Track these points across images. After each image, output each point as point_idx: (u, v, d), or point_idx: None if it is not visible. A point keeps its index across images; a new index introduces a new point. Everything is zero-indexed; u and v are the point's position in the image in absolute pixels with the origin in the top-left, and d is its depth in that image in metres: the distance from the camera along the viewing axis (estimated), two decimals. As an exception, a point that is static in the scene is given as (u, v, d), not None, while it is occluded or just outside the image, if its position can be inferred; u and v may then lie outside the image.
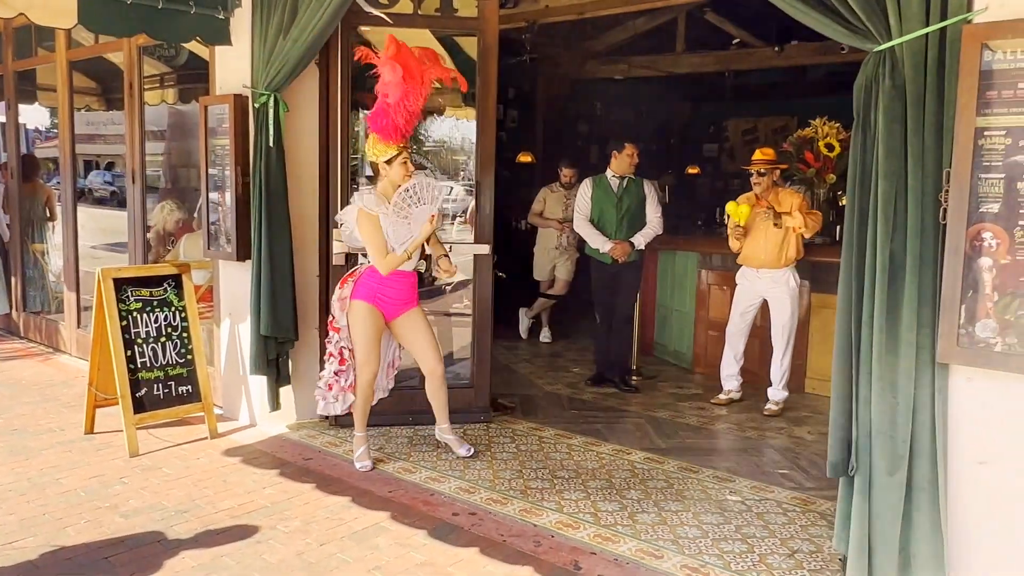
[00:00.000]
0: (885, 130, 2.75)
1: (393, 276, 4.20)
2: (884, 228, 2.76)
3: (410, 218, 4.10)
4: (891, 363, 2.78)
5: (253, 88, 4.66)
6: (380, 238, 4.10)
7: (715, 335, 6.32)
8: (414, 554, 3.38)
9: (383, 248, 4.11)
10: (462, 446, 4.55)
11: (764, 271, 5.43)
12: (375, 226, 4.09)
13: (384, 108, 4.08)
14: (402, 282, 4.26)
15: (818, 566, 3.34)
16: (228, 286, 5.14)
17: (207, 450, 4.62)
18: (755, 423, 5.34)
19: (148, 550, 3.39)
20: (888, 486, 2.80)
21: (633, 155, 5.90)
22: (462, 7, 5.01)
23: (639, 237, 5.84)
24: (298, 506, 3.85)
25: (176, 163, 7.01)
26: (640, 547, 3.48)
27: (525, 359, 7.04)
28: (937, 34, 2.69)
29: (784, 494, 4.11)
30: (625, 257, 5.86)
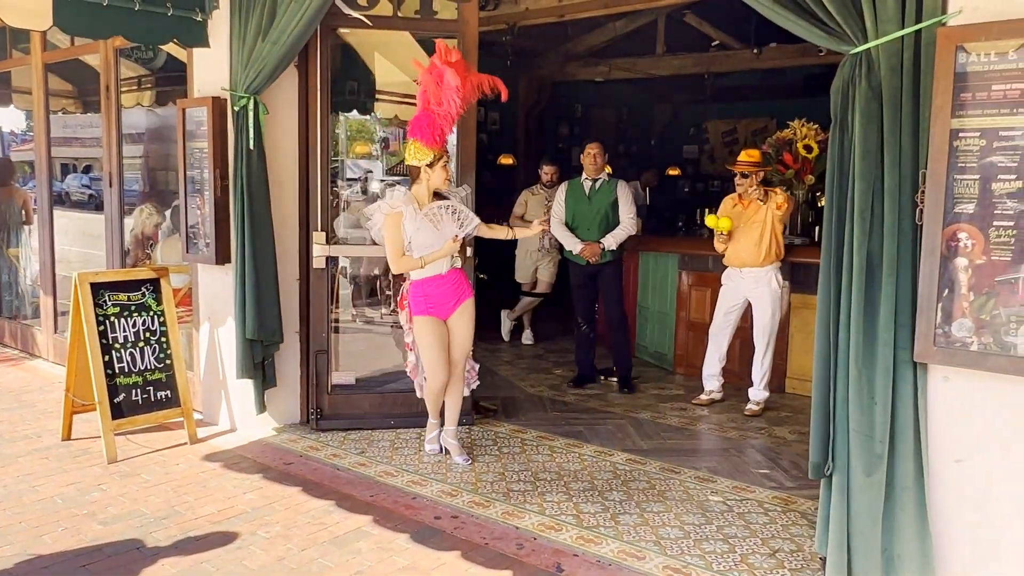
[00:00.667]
0: (862, 131, 2.77)
1: (434, 280, 4.31)
2: (861, 229, 2.78)
3: (440, 228, 4.20)
4: (868, 363, 2.81)
5: (232, 91, 4.63)
6: (399, 238, 4.18)
7: (696, 336, 6.35)
8: (396, 558, 3.37)
9: (400, 249, 4.20)
10: (460, 454, 4.52)
11: (747, 270, 5.46)
12: (396, 225, 4.17)
13: (430, 114, 4.17)
14: (442, 283, 4.33)
15: (799, 565, 3.35)
16: (207, 290, 5.10)
17: (187, 456, 4.58)
18: (736, 423, 5.36)
19: (126, 558, 3.35)
20: (866, 486, 2.82)
21: (594, 155, 5.91)
22: (442, 9, 5.00)
23: (609, 238, 5.84)
24: (279, 511, 3.83)
25: (155, 166, 6.94)
26: (622, 548, 3.48)
27: (507, 361, 7.04)
28: (912, 36, 2.72)
29: (765, 494, 4.13)
30: (595, 258, 5.86)
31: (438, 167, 4.24)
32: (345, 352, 5.60)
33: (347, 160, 8.28)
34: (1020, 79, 2.55)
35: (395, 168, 8.35)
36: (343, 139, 7.92)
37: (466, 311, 4.42)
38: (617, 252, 5.95)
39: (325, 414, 4.99)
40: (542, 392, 6.05)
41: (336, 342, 5.32)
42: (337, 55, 5.36)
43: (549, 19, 7.89)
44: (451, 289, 4.36)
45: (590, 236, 5.89)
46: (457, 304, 4.38)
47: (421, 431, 4.94)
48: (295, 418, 5.08)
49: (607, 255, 5.89)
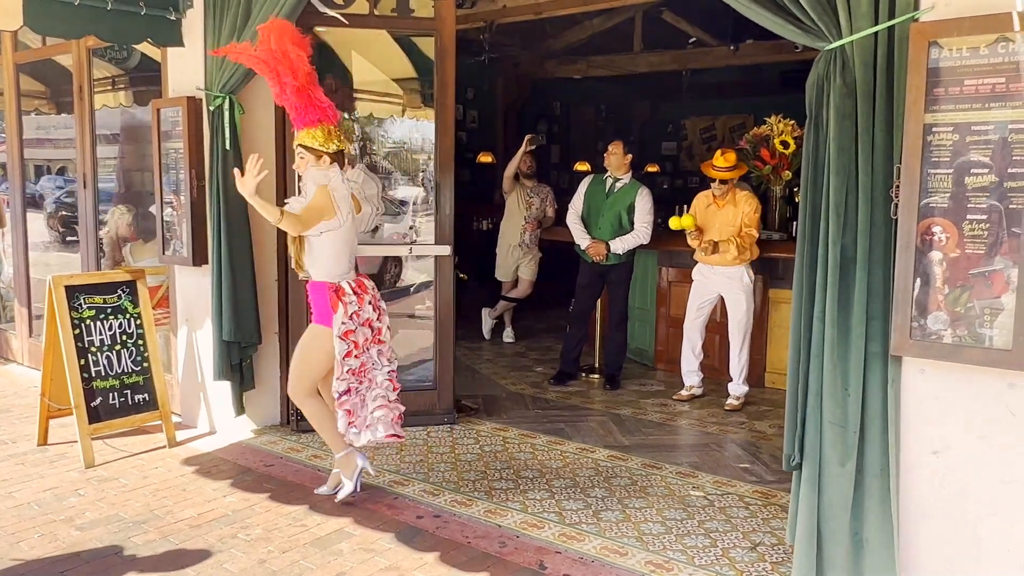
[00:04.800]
0: (836, 127, 2.79)
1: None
2: (836, 223, 2.80)
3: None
4: (842, 356, 2.83)
5: (207, 90, 4.59)
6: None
7: (676, 332, 6.37)
8: (378, 559, 3.36)
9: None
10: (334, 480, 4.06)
11: (718, 268, 5.49)
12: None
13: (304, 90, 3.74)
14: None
15: (780, 558, 3.38)
16: (184, 291, 5.06)
17: (165, 459, 4.54)
18: (716, 418, 5.39)
19: (105, 563, 3.32)
20: (840, 476, 2.85)
21: (615, 153, 5.92)
22: (419, 7, 4.99)
23: (618, 241, 5.84)
24: (260, 513, 3.80)
25: (130, 167, 6.87)
26: (605, 545, 3.49)
27: (488, 359, 7.03)
28: (886, 32, 2.74)
29: (746, 488, 4.16)
30: (600, 258, 5.87)
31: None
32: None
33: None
34: (992, 74, 2.57)
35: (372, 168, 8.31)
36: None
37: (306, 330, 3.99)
38: (627, 255, 5.94)
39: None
40: (524, 390, 6.05)
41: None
42: (314, 54, 5.31)
43: (527, 16, 7.88)
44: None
45: (601, 234, 5.89)
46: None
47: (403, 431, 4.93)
48: (275, 420, 5.04)
49: (614, 258, 5.89)
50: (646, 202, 5.89)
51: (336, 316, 3.73)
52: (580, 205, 6.04)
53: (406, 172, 8.24)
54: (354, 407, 3.82)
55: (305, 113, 3.73)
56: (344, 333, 3.74)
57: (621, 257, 5.91)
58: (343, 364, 3.74)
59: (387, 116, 7.91)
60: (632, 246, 5.87)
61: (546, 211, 7.52)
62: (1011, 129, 2.54)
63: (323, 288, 3.77)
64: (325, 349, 3.78)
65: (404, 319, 6.45)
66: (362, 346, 3.81)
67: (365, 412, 3.85)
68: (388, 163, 8.39)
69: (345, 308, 3.74)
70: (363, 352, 3.82)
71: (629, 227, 5.87)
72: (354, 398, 3.82)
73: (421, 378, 5.37)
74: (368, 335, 3.84)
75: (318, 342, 3.82)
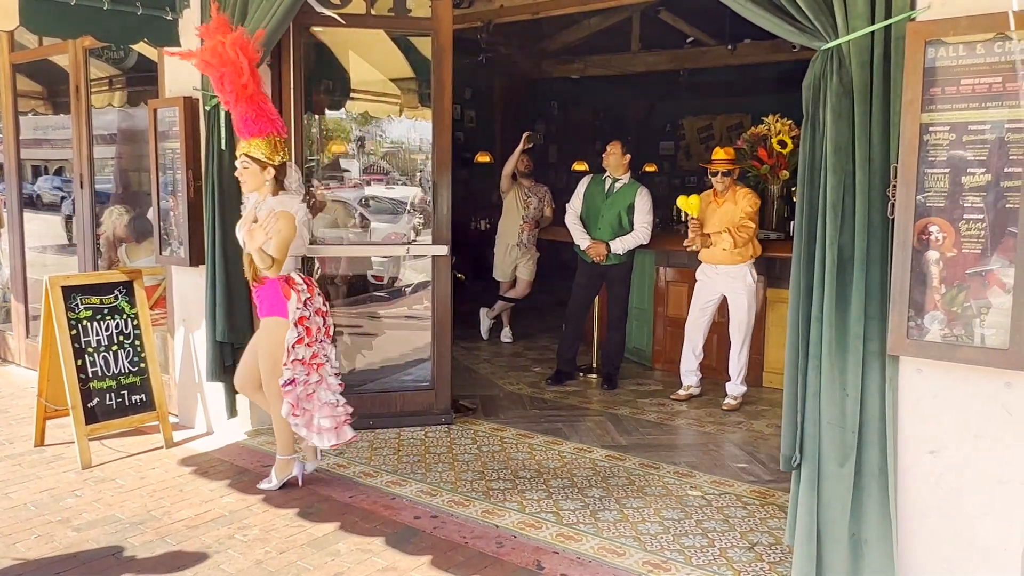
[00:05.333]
0: (833, 127, 2.79)
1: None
2: (833, 223, 2.80)
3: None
4: (840, 355, 2.83)
5: (204, 90, 4.58)
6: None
7: (674, 331, 6.38)
8: (375, 559, 3.35)
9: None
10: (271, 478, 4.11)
11: (722, 267, 5.49)
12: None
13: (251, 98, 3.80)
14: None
15: (777, 558, 3.38)
16: (181, 292, 5.05)
17: (162, 460, 4.54)
18: (714, 418, 5.39)
19: (102, 564, 3.31)
20: (838, 476, 2.85)
21: (614, 153, 5.92)
22: (416, 7, 4.98)
23: (617, 242, 5.84)
24: (257, 514, 3.80)
25: (127, 167, 6.86)
26: (602, 545, 3.49)
27: (486, 359, 7.03)
28: (882, 32, 2.74)
29: (743, 488, 4.16)
30: (600, 258, 5.87)
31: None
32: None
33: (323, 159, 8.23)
34: (988, 74, 2.57)
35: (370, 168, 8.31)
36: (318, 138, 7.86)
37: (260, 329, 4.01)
38: (627, 255, 5.95)
39: (303, 415, 4.95)
40: (521, 390, 6.05)
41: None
42: (311, 54, 5.32)
43: (524, 16, 7.89)
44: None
45: (601, 235, 5.89)
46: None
47: (400, 431, 4.94)
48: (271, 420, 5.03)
49: (613, 257, 5.89)
50: (645, 202, 5.89)
51: (290, 303, 3.84)
52: (579, 205, 6.04)
53: (404, 172, 8.24)
54: (298, 399, 3.89)
55: (253, 123, 3.81)
56: (299, 319, 3.84)
57: (621, 257, 5.91)
58: (291, 352, 3.83)
59: (384, 116, 7.90)
60: (632, 246, 5.88)
61: (544, 211, 7.52)
62: (1008, 128, 2.55)
63: (273, 282, 3.88)
64: (277, 341, 3.87)
65: (401, 319, 6.45)
66: (315, 334, 3.91)
67: (312, 410, 3.95)
68: (386, 163, 8.39)
69: (298, 295, 3.85)
70: (315, 342, 3.92)
71: (629, 227, 5.87)
72: (298, 389, 3.88)
73: (419, 378, 5.37)
74: (320, 324, 3.95)
75: (275, 336, 3.87)
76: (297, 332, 3.84)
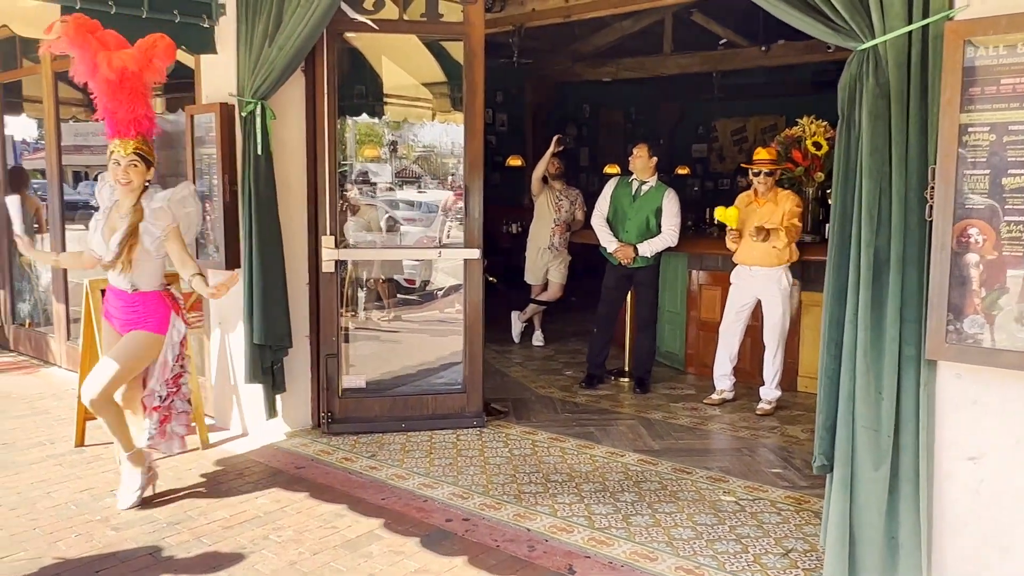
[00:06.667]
0: (869, 128, 2.76)
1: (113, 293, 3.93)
2: (868, 226, 2.77)
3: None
4: (875, 359, 2.80)
5: (240, 96, 4.65)
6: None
7: (707, 335, 6.33)
8: (408, 562, 3.37)
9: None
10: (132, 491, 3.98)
11: (757, 269, 5.44)
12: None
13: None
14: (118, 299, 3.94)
15: (812, 564, 3.34)
16: (218, 295, 5.11)
17: (199, 461, 4.60)
18: (748, 423, 5.34)
19: (140, 562, 3.37)
20: (873, 480, 2.82)
21: (640, 156, 5.90)
22: (448, 12, 5.00)
23: (645, 244, 5.82)
24: (291, 515, 3.83)
25: (165, 173, 6.97)
26: (634, 549, 3.47)
27: (517, 363, 7.03)
28: (920, 32, 2.71)
29: (778, 493, 4.11)
30: (628, 261, 5.85)
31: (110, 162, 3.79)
32: (355, 355, 5.61)
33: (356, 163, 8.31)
34: (1029, 73, 2.53)
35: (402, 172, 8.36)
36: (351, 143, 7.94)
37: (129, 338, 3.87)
38: (654, 258, 5.92)
39: (336, 418, 5.00)
40: (553, 393, 6.04)
41: (346, 346, 5.32)
42: (344, 59, 5.36)
43: (556, 20, 7.87)
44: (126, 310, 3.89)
45: (628, 238, 5.88)
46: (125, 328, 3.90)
47: (432, 434, 4.96)
48: (307, 422, 5.09)
49: (641, 260, 5.87)
50: (673, 204, 5.86)
51: (177, 322, 3.94)
52: (606, 207, 6.02)
53: (435, 176, 8.28)
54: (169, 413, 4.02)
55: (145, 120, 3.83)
56: (183, 339, 3.98)
57: (649, 259, 5.88)
58: (171, 370, 3.94)
59: (417, 120, 7.95)
60: (660, 249, 5.85)
61: (575, 214, 7.51)
62: (1050, 129, 2.50)
63: (159, 297, 3.92)
64: (152, 357, 3.91)
65: (433, 322, 6.48)
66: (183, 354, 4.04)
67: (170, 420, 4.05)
68: (417, 167, 8.44)
69: (182, 316, 4.00)
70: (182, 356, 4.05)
71: (657, 230, 5.85)
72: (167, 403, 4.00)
73: (450, 381, 5.39)
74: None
75: (149, 351, 3.89)
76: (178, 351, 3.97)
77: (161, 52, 3.75)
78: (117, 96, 3.70)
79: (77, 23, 3.60)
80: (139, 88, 3.76)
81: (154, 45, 3.75)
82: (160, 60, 3.75)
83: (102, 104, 3.73)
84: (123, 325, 3.89)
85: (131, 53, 3.67)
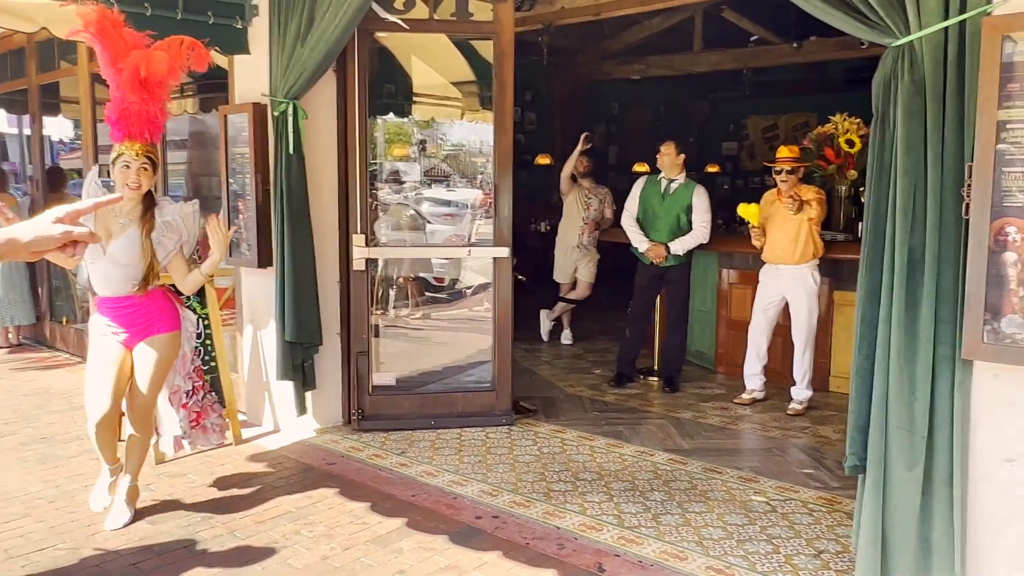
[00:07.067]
0: (904, 126, 2.72)
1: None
2: (903, 224, 2.73)
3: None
4: (910, 359, 2.76)
5: (272, 96, 4.70)
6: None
7: (737, 334, 6.29)
8: (438, 558, 3.39)
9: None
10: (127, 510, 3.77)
11: (783, 267, 5.40)
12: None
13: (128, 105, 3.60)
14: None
15: (845, 566, 3.30)
16: (250, 293, 5.18)
17: (232, 456, 4.66)
18: (779, 423, 5.30)
19: (175, 556, 3.42)
20: (907, 481, 2.79)
21: (668, 154, 5.88)
22: (477, 11, 5.01)
23: (677, 243, 5.80)
24: (322, 511, 3.87)
25: (198, 172, 7.07)
26: (664, 549, 3.47)
27: (546, 361, 7.04)
28: (956, 27, 2.67)
29: (809, 494, 4.08)
30: (660, 260, 5.83)
31: (116, 166, 3.59)
32: (385, 353, 5.64)
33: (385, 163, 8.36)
34: (1071, 68, 2.48)
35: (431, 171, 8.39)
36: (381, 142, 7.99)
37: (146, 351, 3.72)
38: (685, 256, 5.90)
39: (366, 415, 5.04)
40: (582, 392, 6.04)
41: (376, 343, 5.36)
42: (374, 59, 5.40)
43: (585, 18, 7.88)
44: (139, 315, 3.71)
45: (659, 236, 5.86)
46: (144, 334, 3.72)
47: (461, 431, 4.98)
48: (337, 419, 5.13)
49: (672, 258, 5.85)
50: (703, 200, 5.84)
51: (186, 313, 3.89)
52: (635, 207, 6.00)
53: (464, 174, 8.30)
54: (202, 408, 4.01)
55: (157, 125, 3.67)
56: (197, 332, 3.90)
57: (680, 257, 5.86)
58: (191, 362, 3.88)
59: (446, 119, 7.97)
60: (691, 246, 5.82)
61: (604, 212, 7.50)
62: (1091, 125, 2.45)
63: (162, 293, 3.80)
64: (176, 355, 3.85)
65: (463, 320, 6.50)
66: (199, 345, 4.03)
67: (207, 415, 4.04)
68: (446, 165, 8.47)
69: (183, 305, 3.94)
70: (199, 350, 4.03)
71: (687, 227, 5.82)
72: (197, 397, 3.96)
73: (479, 379, 5.41)
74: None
75: (172, 350, 3.79)
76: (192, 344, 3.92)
77: (196, 58, 3.70)
78: (141, 95, 3.58)
79: (101, 14, 3.49)
80: (162, 90, 3.68)
81: (181, 48, 3.66)
82: (196, 67, 3.72)
83: (120, 103, 3.57)
84: (135, 334, 3.68)
85: (164, 56, 3.60)
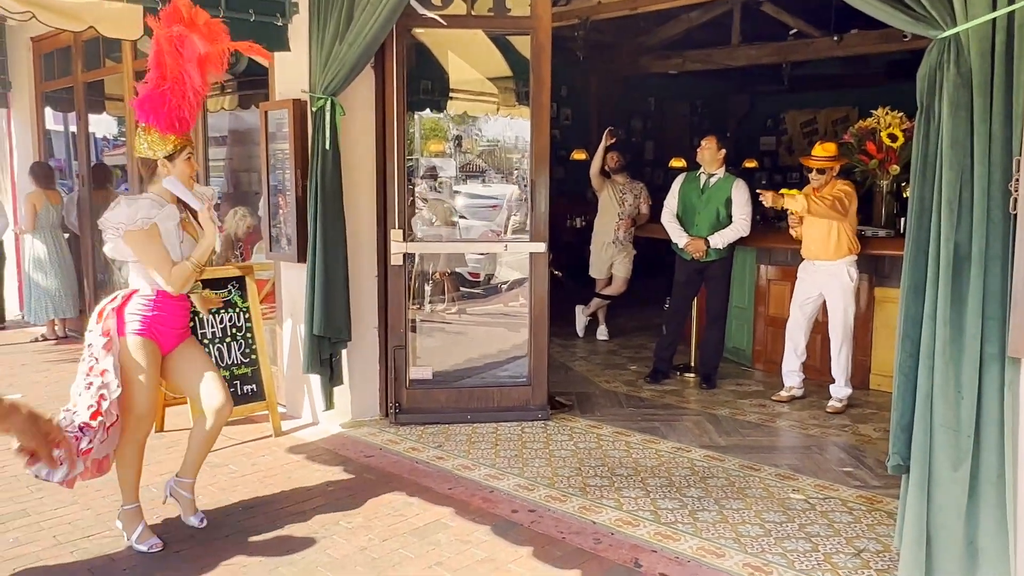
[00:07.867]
0: (950, 119, 2.67)
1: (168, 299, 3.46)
2: (948, 220, 2.69)
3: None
4: (955, 356, 2.71)
5: (311, 93, 4.75)
6: (162, 250, 3.37)
7: (775, 331, 6.23)
8: (474, 550, 3.41)
9: (167, 261, 3.37)
10: (196, 514, 3.73)
11: (820, 263, 5.35)
12: (151, 238, 3.34)
13: (164, 93, 3.33)
14: (177, 305, 3.53)
15: (885, 565, 3.27)
16: (289, 287, 5.24)
17: (271, 448, 4.73)
18: (818, 420, 5.24)
19: (217, 545, 3.49)
20: (952, 480, 2.74)
21: (709, 148, 5.84)
22: (515, 6, 5.02)
23: (716, 236, 5.76)
24: (360, 502, 3.92)
25: (238, 168, 7.17)
26: (701, 545, 3.45)
27: (582, 357, 7.03)
28: (1005, 19, 2.61)
29: (849, 492, 4.03)
30: (700, 254, 5.80)
31: (179, 160, 3.40)
32: (422, 347, 5.69)
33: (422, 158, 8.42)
34: (1124, 60, 2.42)
35: (467, 166, 8.42)
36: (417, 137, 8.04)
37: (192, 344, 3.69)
38: (726, 250, 5.86)
39: (404, 408, 5.09)
40: (617, 387, 6.02)
41: (413, 336, 5.40)
42: (412, 55, 5.44)
43: (622, 12, 7.84)
44: (180, 315, 3.58)
45: (698, 231, 5.83)
46: (181, 337, 3.61)
47: (497, 426, 5.00)
48: (375, 412, 5.18)
49: (713, 253, 5.82)
50: (743, 193, 5.79)
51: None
52: (675, 204, 5.97)
53: (500, 170, 8.32)
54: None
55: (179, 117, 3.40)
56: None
57: (721, 252, 5.82)
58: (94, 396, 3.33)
59: (482, 114, 8.00)
60: (732, 239, 5.77)
61: (640, 208, 7.46)
62: None
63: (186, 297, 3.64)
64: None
65: (499, 316, 6.52)
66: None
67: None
68: (482, 161, 8.49)
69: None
70: None
71: (727, 221, 5.78)
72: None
73: (515, 374, 5.42)
74: None
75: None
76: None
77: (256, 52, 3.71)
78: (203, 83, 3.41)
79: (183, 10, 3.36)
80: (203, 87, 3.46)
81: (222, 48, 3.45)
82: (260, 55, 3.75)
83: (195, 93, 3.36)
84: (179, 336, 3.59)
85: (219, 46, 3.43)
